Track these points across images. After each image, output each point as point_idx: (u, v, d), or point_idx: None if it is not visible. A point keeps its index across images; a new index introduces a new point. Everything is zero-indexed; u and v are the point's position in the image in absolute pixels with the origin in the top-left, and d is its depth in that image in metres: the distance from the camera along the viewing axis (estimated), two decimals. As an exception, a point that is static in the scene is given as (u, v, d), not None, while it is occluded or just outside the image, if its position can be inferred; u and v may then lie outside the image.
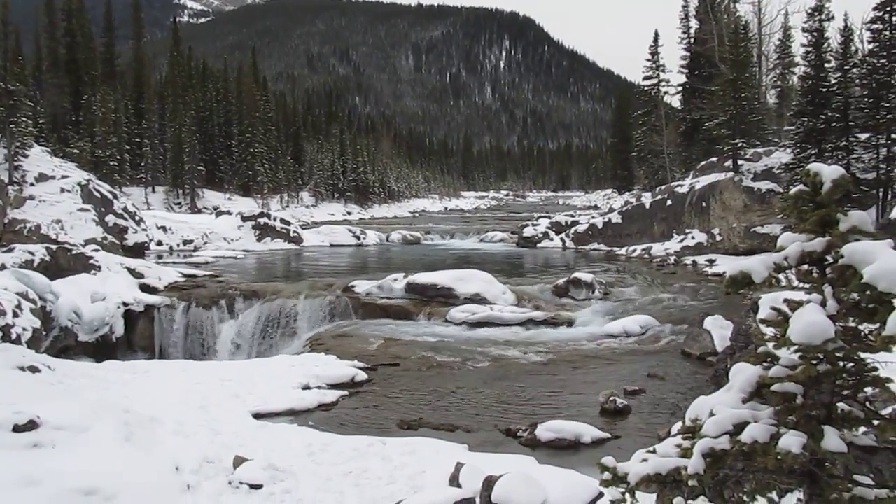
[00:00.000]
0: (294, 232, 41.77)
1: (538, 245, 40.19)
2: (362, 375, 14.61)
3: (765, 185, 29.81)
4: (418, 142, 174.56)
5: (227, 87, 77.71)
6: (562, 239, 40.03)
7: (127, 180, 58.02)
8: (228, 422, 11.40)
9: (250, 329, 20.17)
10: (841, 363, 4.04)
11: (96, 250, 23.43)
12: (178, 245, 37.12)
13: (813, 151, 27.03)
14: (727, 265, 24.96)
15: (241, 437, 10.64)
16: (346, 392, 13.64)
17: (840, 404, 4.18)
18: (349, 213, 79.44)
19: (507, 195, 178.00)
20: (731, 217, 30.56)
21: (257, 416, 12.09)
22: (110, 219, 29.66)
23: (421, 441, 10.57)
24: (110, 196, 30.66)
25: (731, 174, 31.39)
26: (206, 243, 38.39)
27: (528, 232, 41.76)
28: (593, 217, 42.54)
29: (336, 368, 14.94)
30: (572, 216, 46.65)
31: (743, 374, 4.42)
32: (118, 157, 56.09)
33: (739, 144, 31.36)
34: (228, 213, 44.86)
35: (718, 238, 30.92)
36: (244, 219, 41.31)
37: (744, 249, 29.04)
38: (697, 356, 15.99)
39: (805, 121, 27.42)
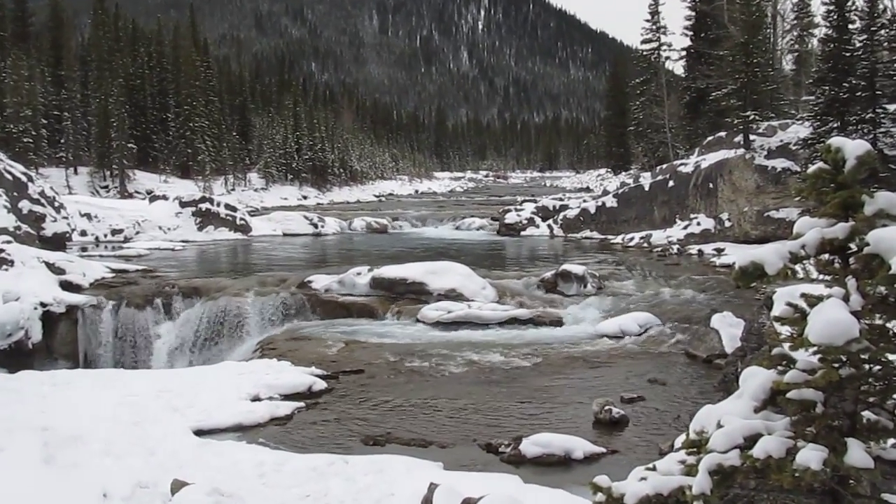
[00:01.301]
0: (241, 219, 41.54)
1: (522, 233, 40.28)
2: (321, 384, 14.57)
3: (780, 164, 30.03)
4: (384, 115, 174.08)
5: (161, 51, 77.00)
6: (549, 226, 40.21)
7: (44, 160, 57.36)
8: (166, 440, 11.28)
9: (191, 332, 19.98)
10: (866, 366, 4.06)
11: (8, 242, 23.07)
12: (105, 235, 36.72)
13: (835, 125, 27.27)
14: (737, 255, 24.98)
15: (181, 458, 10.53)
16: (302, 403, 13.60)
17: (865, 413, 4.20)
18: (305, 198, 79.41)
19: (486, 176, 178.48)
20: (741, 200, 30.80)
21: (200, 432, 11.99)
22: (24, 205, 29.24)
23: (389, 459, 10.51)
24: (24, 179, 30.23)
25: (741, 151, 31.61)
26: (138, 233, 37.99)
27: (511, 218, 41.85)
28: (585, 201, 42.76)
29: (291, 376, 14.87)
30: (561, 200, 47.03)
31: (755, 379, 4.45)
32: (33, 132, 55.41)
33: (751, 117, 31.52)
34: (164, 198, 44.41)
35: (727, 224, 31.18)
36: (183, 204, 40.98)
37: (756, 237, 29.25)
38: (704, 358, 16.04)
39: (826, 90, 27.64)
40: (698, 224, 32.27)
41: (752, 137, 31.85)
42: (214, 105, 78.01)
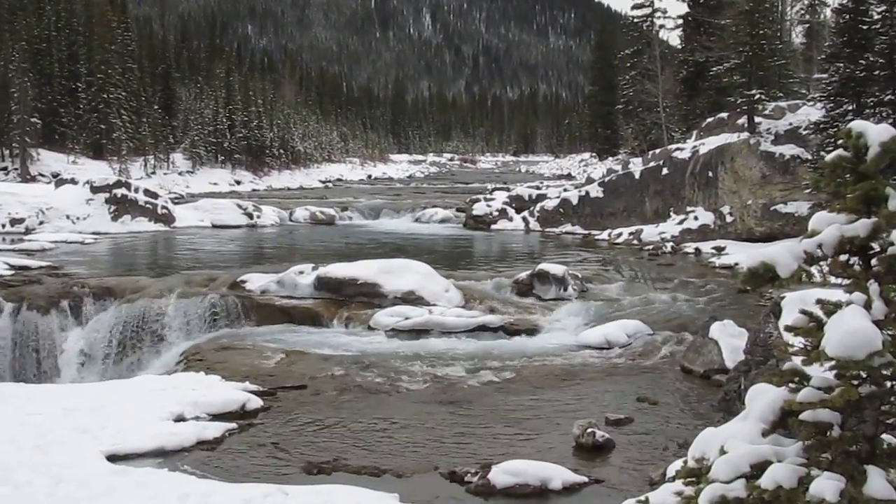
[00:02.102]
0: (163, 208, 41.22)
1: (493, 227, 40.31)
2: (256, 402, 14.47)
3: (789, 150, 30.29)
4: (333, 87, 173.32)
5: (71, 9, 76.00)
6: (524, 219, 40.24)
7: (-71, 137, 56.42)
8: (75, 466, 11.13)
9: (104, 340, 19.78)
10: (889, 383, 4.09)
11: None
12: (2, 226, 36.29)
13: (850, 107, 27.48)
14: (741, 255, 25.59)
15: (93, 488, 10.41)
16: (234, 424, 13.50)
17: (887, 437, 4.24)
18: (238, 183, 79.01)
19: (451, 160, 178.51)
20: (745, 191, 31.04)
21: (114, 457, 11.85)
22: None
23: (336, 490, 10.44)
24: None
25: (745, 135, 31.87)
26: (42, 223, 37.49)
27: (480, 209, 41.81)
28: (566, 190, 42.70)
29: (221, 393, 14.79)
30: (538, 188, 46.85)
31: (762, 398, 4.47)
32: (-84, 104, 54.48)
33: (756, 96, 31.63)
34: (73, 181, 43.82)
35: (729, 219, 31.40)
36: (95, 190, 40.49)
37: (761, 234, 29.51)
38: (701, 374, 16.05)
39: (840, 67, 27.86)
40: (696, 219, 32.46)
41: (757, 119, 32.08)
42: (133, 73, 77.22)
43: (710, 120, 36.93)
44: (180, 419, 13.64)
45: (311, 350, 18.00)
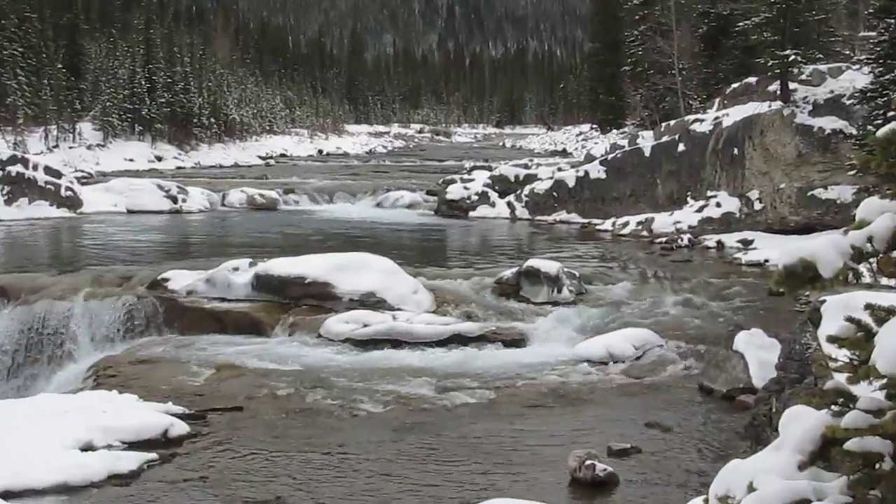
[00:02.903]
0: (68, 189, 41.03)
1: (471, 214, 40.42)
2: (181, 427, 14.42)
3: (829, 123, 30.15)
4: (275, 43, 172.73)
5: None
6: (509, 204, 40.32)
7: None
8: (-44, 507, 11.08)
9: (-6, 350, 19.72)
10: (951, 406, 4.08)
11: None
12: None
13: (903, 72, 27.67)
14: (773, 249, 25.77)
15: (-21, 533, 10.39)
16: (154, 455, 13.44)
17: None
18: (160, 159, 78.78)
19: (420, 132, 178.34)
20: (777, 172, 30.94)
21: (7, 494, 11.78)
22: None
23: (277, 536, 10.51)
24: None
25: (777, 105, 31.76)
26: (-84, 208, 37.20)
27: (456, 192, 41.91)
28: (561, 170, 42.93)
29: (138, 416, 14.68)
30: (527, 168, 46.83)
31: (799, 423, 4.51)
32: None
33: (791, 58, 31.43)
34: (-44, 157, 43.53)
35: (758, 206, 31.30)
36: (-17, 167, 40.20)
37: (796, 224, 29.49)
38: (724, 394, 16.04)
39: (892, 24, 27.99)
40: (718, 205, 32.38)
41: (792, 86, 31.96)
42: (32, 24, 76.61)
43: (735, 86, 36.85)
44: (88, 448, 13.53)
45: (247, 364, 17.98)
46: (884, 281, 4.59)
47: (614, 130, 70.63)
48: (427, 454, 13.65)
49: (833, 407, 4.35)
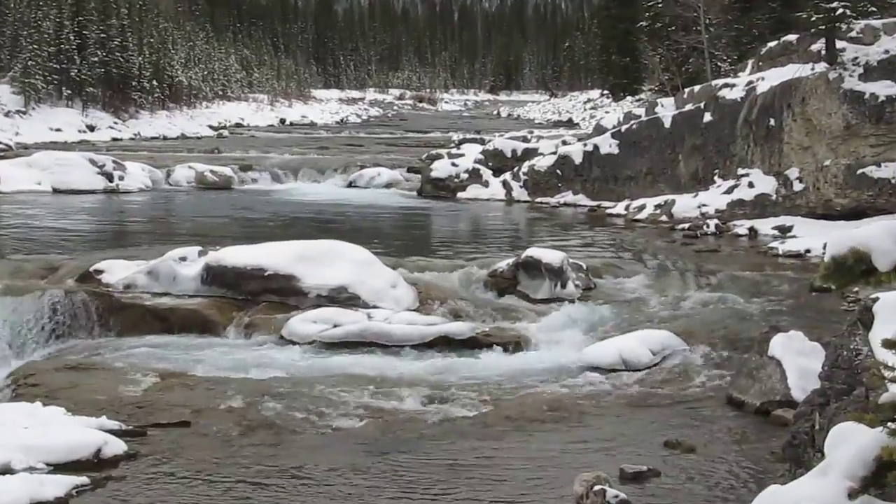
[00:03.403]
0: (-19, 165, 41.56)
1: (460, 195, 40.48)
2: (117, 446, 13.68)
3: (884, 89, 29.28)
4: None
5: None
6: (505, 183, 40.19)
7: None
8: None
9: None
10: None
11: None
12: None
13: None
14: (817, 238, 25.47)
15: None
16: (84, 479, 12.69)
17: None
18: (92, 129, 78.79)
19: (401, 98, 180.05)
20: (821, 147, 30.24)
21: None
22: None
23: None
24: None
25: (822, 67, 30.98)
26: None
27: (442, 170, 41.89)
28: (565, 143, 42.51)
29: (65, 433, 14.03)
30: (526, 141, 47.01)
31: (849, 443, 4.95)
32: None
33: (839, 10, 30.66)
34: None
35: (798, 186, 30.69)
36: None
37: (844, 207, 28.89)
38: (757, 408, 15.46)
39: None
40: (751, 185, 31.93)
41: (839, 45, 31.11)
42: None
43: (771, 45, 36.34)
44: (6, 471, 12.92)
45: (196, 371, 17.71)
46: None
47: (629, 97, 70.98)
48: (407, 479, 13.17)
49: (889, 424, 4.65)
